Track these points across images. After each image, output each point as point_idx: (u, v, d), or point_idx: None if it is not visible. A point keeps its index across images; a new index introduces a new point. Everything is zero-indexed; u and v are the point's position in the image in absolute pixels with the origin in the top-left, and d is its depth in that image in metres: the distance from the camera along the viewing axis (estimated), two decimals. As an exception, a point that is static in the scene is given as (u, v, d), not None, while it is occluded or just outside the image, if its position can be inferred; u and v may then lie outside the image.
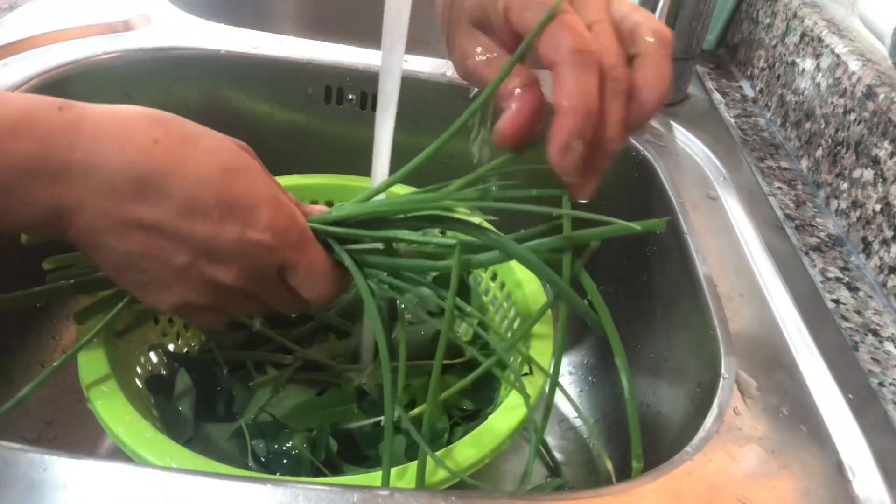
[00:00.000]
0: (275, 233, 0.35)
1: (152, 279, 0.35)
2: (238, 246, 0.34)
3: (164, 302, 0.36)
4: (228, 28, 0.66)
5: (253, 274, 0.36)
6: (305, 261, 0.37)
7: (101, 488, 0.29)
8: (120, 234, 0.33)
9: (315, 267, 0.37)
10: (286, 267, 0.36)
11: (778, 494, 0.33)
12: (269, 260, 0.35)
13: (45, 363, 0.57)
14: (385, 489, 0.31)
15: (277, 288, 0.38)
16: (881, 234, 0.48)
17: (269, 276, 0.36)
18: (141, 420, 0.37)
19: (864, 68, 0.54)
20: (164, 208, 0.33)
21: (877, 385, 0.40)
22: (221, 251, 0.34)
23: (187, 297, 0.36)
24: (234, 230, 0.34)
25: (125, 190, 0.32)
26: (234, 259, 0.35)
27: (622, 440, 0.55)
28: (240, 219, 0.34)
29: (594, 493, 0.32)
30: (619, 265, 0.61)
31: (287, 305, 0.39)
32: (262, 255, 0.35)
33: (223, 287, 0.35)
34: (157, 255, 0.33)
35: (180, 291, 0.35)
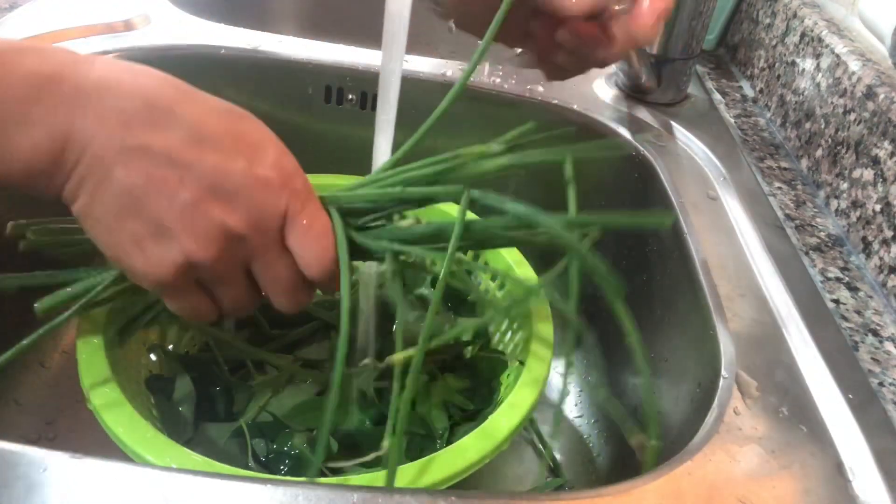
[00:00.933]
0: (281, 173, 0.35)
1: (153, 227, 0.33)
2: (245, 180, 0.33)
3: (164, 262, 0.33)
4: (228, 28, 0.66)
5: (257, 219, 0.34)
6: (308, 211, 0.36)
7: (101, 488, 0.29)
8: (126, 163, 0.32)
9: (317, 221, 0.36)
10: (289, 216, 0.35)
11: (778, 494, 0.33)
12: (275, 202, 0.34)
13: (45, 363, 0.57)
14: (385, 489, 0.31)
15: (277, 250, 0.36)
16: (881, 234, 0.48)
17: (272, 229, 0.35)
18: (141, 420, 0.37)
19: (864, 68, 0.54)
20: (174, 135, 0.32)
21: (877, 385, 0.40)
22: (228, 185, 0.33)
23: (189, 248, 0.33)
24: (242, 163, 0.33)
25: (135, 114, 0.32)
26: (240, 197, 0.33)
27: (622, 440, 0.55)
28: (247, 153, 0.34)
29: (594, 492, 0.32)
30: (619, 265, 0.61)
31: (283, 278, 0.37)
32: (268, 195, 0.34)
33: (227, 235, 0.33)
34: (162, 189, 0.32)
35: (183, 242, 0.33)
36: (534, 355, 0.44)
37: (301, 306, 0.38)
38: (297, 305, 0.38)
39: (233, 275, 0.36)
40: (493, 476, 0.54)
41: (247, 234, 0.34)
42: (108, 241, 0.34)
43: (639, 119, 0.63)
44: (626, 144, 0.60)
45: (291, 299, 0.38)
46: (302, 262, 0.36)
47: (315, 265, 0.36)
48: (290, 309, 0.38)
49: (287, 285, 0.37)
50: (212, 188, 0.33)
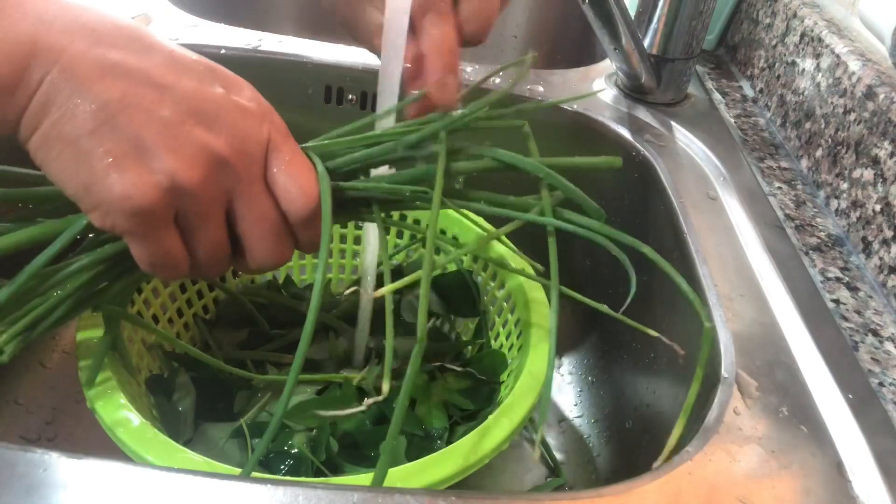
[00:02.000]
0: (260, 105, 0.34)
1: (133, 145, 0.30)
2: (225, 105, 0.32)
3: (146, 183, 0.30)
4: (228, 28, 0.66)
5: (241, 145, 0.32)
6: (290, 146, 0.35)
7: (101, 488, 0.29)
8: (101, 78, 0.29)
9: (298, 155, 0.35)
10: (271, 147, 0.34)
11: (778, 494, 0.33)
12: (257, 130, 0.33)
13: (45, 363, 0.57)
14: (385, 489, 0.31)
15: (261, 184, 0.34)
16: (881, 234, 0.48)
17: (256, 158, 0.33)
18: (141, 420, 0.37)
19: (864, 68, 0.54)
20: (149, 59, 0.31)
21: (877, 385, 0.40)
22: (208, 108, 0.31)
23: (174, 168, 0.30)
24: (221, 90, 0.32)
25: (106, 34, 0.30)
26: (222, 121, 0.32)
27: (622, 440, 0.55)
28: (224, 84, 0.33)
29: (594, 492, 0.32)
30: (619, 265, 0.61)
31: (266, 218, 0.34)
32: (249, 123, 0.33)
33: (211, 158, 0.31)
34: (141, 104, 0.30)
35: (167, 161, 0.30)
36: (533, 355, 0.44)
37: (280, 260, 0.36)
38: (277, 256, 0.35)
39: (213, 212, 0.33)
40: (493, 476, 0.54)
41: (231, 159, 0.32)
42: (77, 167, 0.30)
43: (639, 119, 0.63)
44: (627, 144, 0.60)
45: (272, 246, 0.35)
46: (287, 196, 0.34)
47: (300, 200, 0.34)
48: (270, 260, 0.35)
49: (271, 227, 0.34)
50: (192, 110, 0.31)
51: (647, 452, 0.50)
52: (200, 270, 0.35)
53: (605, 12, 0.55)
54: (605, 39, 0.58)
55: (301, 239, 0.36)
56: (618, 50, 0.59)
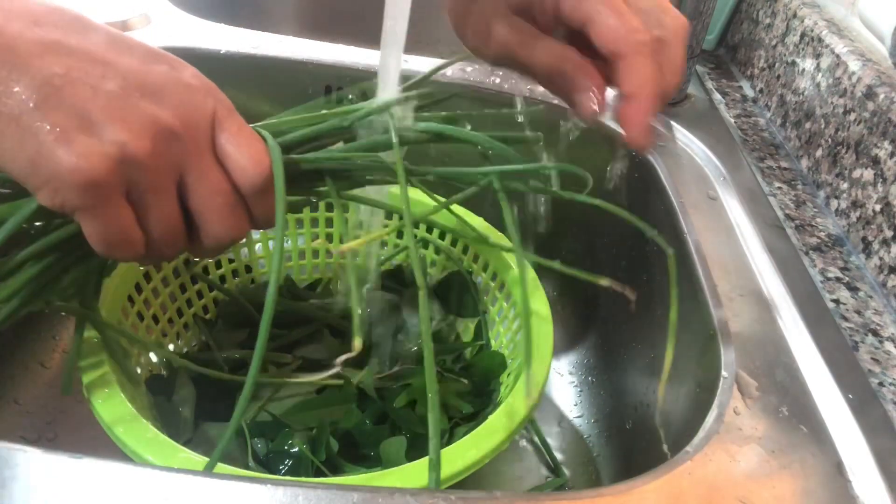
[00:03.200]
0: (203, 82, 0.34)
1: (80, 118, 0.29)
2: (169, 79, 0.32)
3: (96, 154, 0.29)
4: (228, 28, 0.66)
5: (188, 116, 0.32)
6: (236, 120, 0.34)
7: (101, 488, 0.29)
8: (41, 55, 0.29)
9: (246, 129, 0.35)
10: (218, 120, 0.34)
11: (778, 494, 0.33)
12: (202, 103, 0.33)
13: (45, 363, 0.57)
14: (385, 489, 0.31)
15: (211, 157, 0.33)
16: (881, 234, 0.48)
17: (203, 129, 0.33)
18: (141, 420, 0.37)
19: (864, 68, 0.54)
20: (89, 38, 0.31)
21: (877, 385, 0.40)
22: (153, 82, 0.32)
23: (123, 138, 0.30)
24: (163, 67, 0.32)
25: (44, 15, 0.30)
26: (168, 94, 0.32)
27: (622, 440, 0.55)
28: (166, 62, 0.33)
29: (594, 492, 0.32)
30: (619, 265, 0.61)
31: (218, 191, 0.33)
32: (195, 96, 0.33)
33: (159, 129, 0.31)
34: (85, 78, 0.30)
35: (115, 132, 0.30)
36: (533, 355, 0.44)
37: (236, 234, 0.35)
38: (232, 231, 0.35)
39: (166, 186, 0.32)
40: (493, 476, 0.54)
41: (179, 130, 0.32)
42: (22, 143, 0.29)
43: (639, 119, 0.63)
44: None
45: (227, 219, 0.34)
46: (237, 167, 0.33)
47: (251, 169, 0.33)
48: (226, 235, 0.34)
49: (224, 200, 0.34)
50: (137, 84, 0.31)
51: (647, 452, 0.50)
52: (156, 250, 0.34)
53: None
54: (605, 39, 0.58)
55: (256, 212, 0.35)
56: (618, 50, 0.59)
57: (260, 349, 0.33)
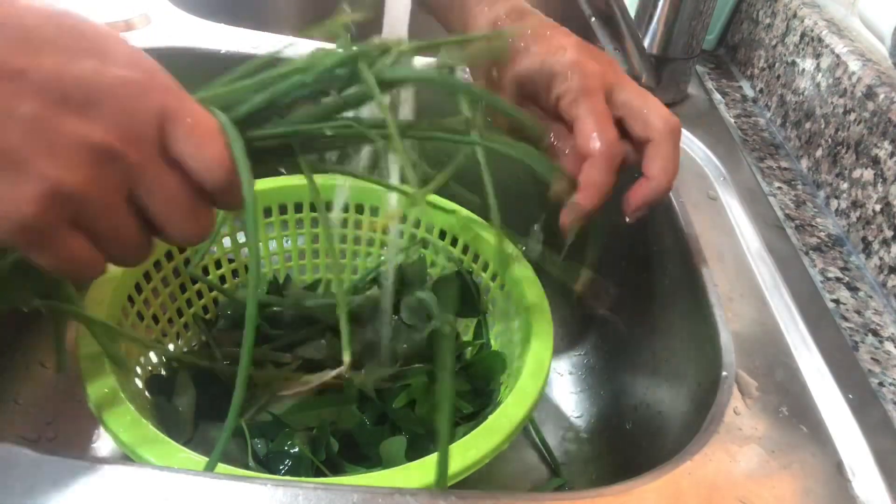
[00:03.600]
0: (142, 70, 0.28)
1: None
2: (99, 80, 0.26)
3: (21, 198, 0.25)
4: (228, 28, 0.66)
5: (127, 128, 0.27)
6: (188, 109, 0.29)
7: (101, 488, 0.29)
8: None
9: (201, 118, 0.29)
10: (166, 116, 0.28)
11: (778, 494, 0.33)
12: (143, 104, 0.27)
13: (45, 363, 0.57)
14: (385, 489, 0.31)
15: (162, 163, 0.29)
16: (881, 234, 0.48)
17: (148, 138, 0.28)
18: (141, 420, 0.37)
19: (864, 68, 0.54)
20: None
21: (877, 385, 0.40)
22: (76, 91, 0.26)
23: (51, 174, 0.25)
24: (91, 62, 0.26)
25: None
26: (99, 104, 0.26)
27: (622, 440, 0.55)
28: (92, 52, 0.27)
29: (594, 492, 0.32)
30: (619, 265, 0.61)
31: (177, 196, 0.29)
32: (133, 94, 0.27)
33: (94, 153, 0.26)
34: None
35: (41, 167, 0.25)
36: (533, 355, 0.44)
37: (205, 232, 0.32)
38: (200, 230, 0.31)
39: (114, 207, 0.28)
40: (493, 476, 0.54)
41: (119, 148, 0.27)
42: None
43: (639, 119, 0.63)
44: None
45: (192, 222, 0.30)
46: (196, 168, 0.29)
47: (212, 169, 0.29)
48: (193, 236, 0.31)
49: (183, 205, 0.30)
50: (57, 97, 0.26)
51: (647, 452, 0.50)
52: (120, 262, 0.31)
53: (605, 12, 0.55)
54: (605, 39, 0.58)
55: (221, 205, 0.32)
56: (618, 50, 0.59)
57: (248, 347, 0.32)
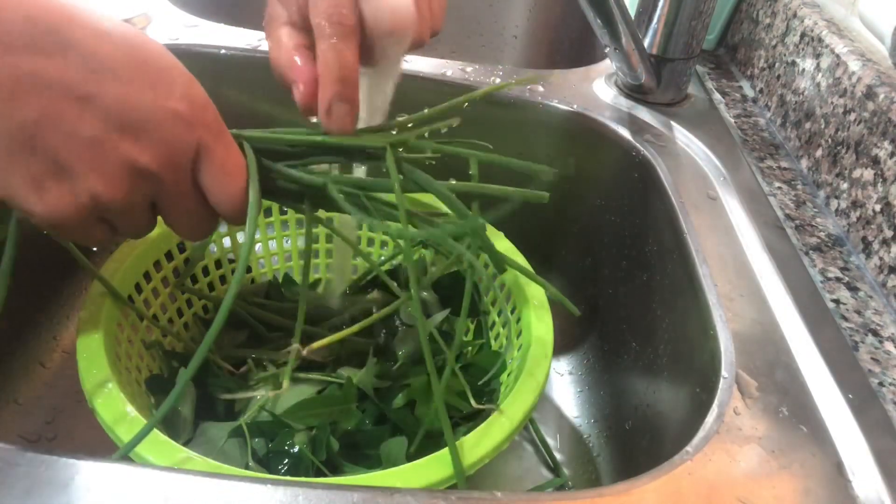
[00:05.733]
0: (193, 105, 0.32)
1: (52, 165, 0.29)
2: (154, 114, 0.30)
3: (66, 203, 0.30)
4: (228, 28, 0.66)
5: (168, 156, 0.31)
6: (222, 148, 0.34)
7: (101, 488, 0.29)
8: (15, 95, 0.27)
9: (230, 157, 0.34)
10: (202, 151, 0.33)
11: (778, 494, 0.33)
12: (187, 138, 0.32)
13: (45, 363, 0.57)
14: (385, 489, 0.31)
15: (188, 187, 0.34)
16: (881, 234, 0.48)
17: (184, 166, 0.32)
18: (141, 420, 0.37)
19: (864, 68, 0.54)
20: (67, 62, 0.28)
21: (877, 385, 0.40)
22: (135, 119, 0.30)
23: (95, 188, 0.30)
24: (149, 94, 0.30)
25: (17, 36, 0.27)
26: (149, 132, 0.30)
27: (622, 440, 0.55)
28: (153, 83, 0.30)
29: (594, 492, 0.32)
30: (619, 265, 0.61)
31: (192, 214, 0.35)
32: (179, 129, 0.31)
33: (136, 173, 0.31)
34: (61, 124, 0.28)
35: (88, 181, 0.30)
36: (533, 355, 0.44)
37: (207, 237, 0.37)
38: (202, 236, 0.37)
39: (138, 209, 0.33)
40: (493, 476, 0.54)
41: (157, 172, 0.31)
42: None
43: (639, 119, 0.63)
44: (627, 144, 0.60)
45: (198, 231, 0.36)
46: (213, 199, 0.35)
47: (227, 203, 0.34)
48: (195, 239, 0.37)
49: (196, 219, 0.35)
50: (117, 123, 0.29)
51: (647, 452, 0.50)
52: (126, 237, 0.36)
53: (605, 12, 0.55)
54: (605, 39, 0.58)
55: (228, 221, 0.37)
56: (618, 50, 0.59)
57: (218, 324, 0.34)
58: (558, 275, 0.70)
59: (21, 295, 0.54)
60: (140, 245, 0.48)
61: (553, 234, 0.69)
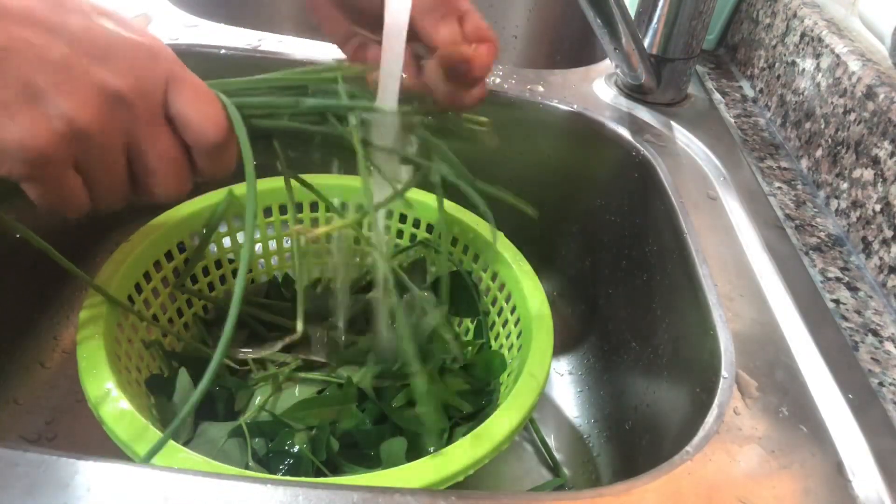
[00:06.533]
0: (154, 42, 0.32)
1: (23, 90, 0.29)
2: (120, 41, 0.31)
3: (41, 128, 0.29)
4: (228, 28, 0.66)
5: (138, 81, 0.31)
6: (191, 77, 0.34)
7: (101, 488, 0.29)
8: None
9: (202, 88, 0.34)
10: (172, 81, 0.33)
11: (778, 494, 0.33)
12: (154, 67, 0.32)
13: (45, 363, 0.57)
14: (385, 489, 0.31)
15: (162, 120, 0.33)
16: (881, 234, 0.48)
17: (155, 93, 0.32)
18: (141, 420, 0.37)
19: (864, 68, 0.54)
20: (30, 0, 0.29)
21: (877, 385, 0.40)
22: (102, 46, 0.30)
23: (69, 109, 0.29)
24: (112, 25, 0.31)
25: None
26: (117, 58, 0.31)
27: (622, 440, 0.55)
28: (116, 21, 0.32)
29: (594, 492, 0.32)
30: (619, 265, 0.61)
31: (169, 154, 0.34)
32: (146, 58, 0.32)
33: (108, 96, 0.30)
34: (29, 49, 0.29)
35: (61, 103, 0.29)
36: (533, 355, 0.44)
37: (182, 191, 0.35)
38: (179, 188, 0.35)
39: (113, 151, 0.32)
40: (493, 476, 0.54)
41: (129, 96, 0.31)
42: None
43: (639, 119, 0.63)
44: (627, 144, 0.60)
45: (174, 180, 0.34)
46: (194, 128, 0.33)
47: (209, 130, 0.33)
48: (172, 193, 0.35)
49: (172, 162, 0.34)
50: (85, 49, 0.30)
51: (647, 452, 0.50)
52: (99, 206, 0.34)
53: (605, 12, 0.55)
54: (605, 39, 0.58)
55: (204, 171, 0.36)
56: (618, 50, 0.59)
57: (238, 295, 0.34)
58: (558, 275, 0.70)
59: (21, 295, 0.54)
60: (140, 245, 0.48)
61: (553, 234, 0.69)
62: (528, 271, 0.51)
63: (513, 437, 0.39)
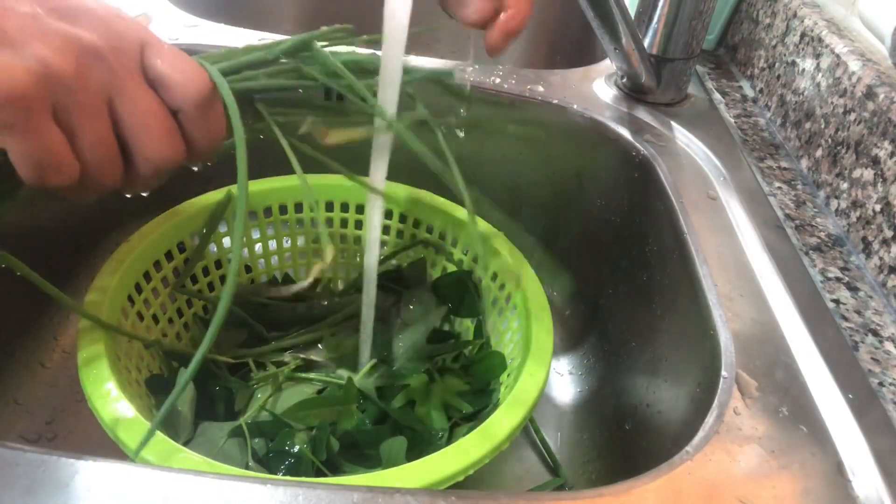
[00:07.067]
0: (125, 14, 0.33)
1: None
2: (90, 5, 0.31)
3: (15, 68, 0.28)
4: (228, 28, 0.66)
5: (112, 38, 0.31)
6: (165, 43, 0.33)
7: (101, 488, 0.29)
8: None
9: (177, 50, 0.33)
10: (147, 45, 0.32)
11: (778, 494, 0.33)
12: (128, 30, 0.32)
13: (45, 363, 0.57)
14: (385, 489, 0.31)
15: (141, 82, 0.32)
16: (881, 234, 0.48)
17: (131, 54, 0.32)
18: (141, 420, 0.37)
19: (864, 68, 0.54)
20: None
21: (877, 385, 0.40)
22: (73, 8, 0.30)
23: (43, 54, 0.29)
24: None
25: None
26: (90, 20, 0.31)
27: (622, 440, 0.55)
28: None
29: (594, 492, 0.32)
30: (619, 265, 0.61)
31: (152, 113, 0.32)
32: (119, 23, 0.32)
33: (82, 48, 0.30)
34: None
35: (35, 49, 0.29)
36: (533, 355, 0.44)
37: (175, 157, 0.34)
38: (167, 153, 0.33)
39: (95, 106, 0.31)
40: (493, 476, 0.54)
41: (104, 50, 0.30)
42: None
43: (639, 119, 0.63)
44: (627, 144, 0.60)
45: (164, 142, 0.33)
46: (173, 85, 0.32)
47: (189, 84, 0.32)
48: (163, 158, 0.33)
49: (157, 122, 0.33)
50: (54, 8, 0.30)
51: (647, 452, 0.50)
52: (91, 177, 0.32)
53: (605, 12, 0.55)
54: (605, 39, 0.58)
55: (194, 134, 0.34)
56: (618, 50, 0.59)
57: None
58: (558, 275, 0.70)
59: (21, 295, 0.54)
60: (140, 245, 0.48)
61: (553, 234, 0.69)
62: (529, 271, 0.51)
63: (513, 437, 0.39)
